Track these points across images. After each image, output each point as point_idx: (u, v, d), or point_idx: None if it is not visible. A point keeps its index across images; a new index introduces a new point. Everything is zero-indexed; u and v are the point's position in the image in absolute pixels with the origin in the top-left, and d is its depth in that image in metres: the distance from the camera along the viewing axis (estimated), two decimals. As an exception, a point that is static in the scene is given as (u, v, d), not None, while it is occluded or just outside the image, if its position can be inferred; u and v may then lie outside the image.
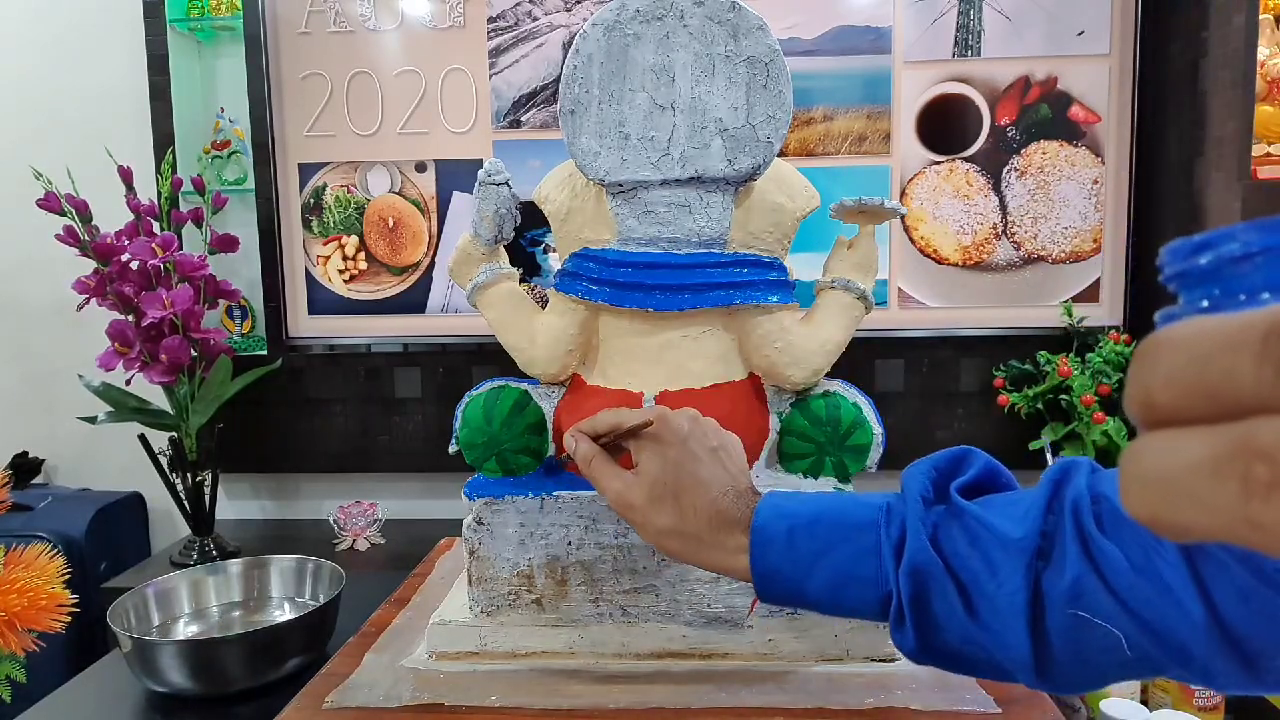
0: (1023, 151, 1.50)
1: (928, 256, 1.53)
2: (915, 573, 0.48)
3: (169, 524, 1.69)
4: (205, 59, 1.63)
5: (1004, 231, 1.52)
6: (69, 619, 0.70)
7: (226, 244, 1.45)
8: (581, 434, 0.61)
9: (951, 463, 0.52)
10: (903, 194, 1.52)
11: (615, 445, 0.61)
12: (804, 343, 0.77)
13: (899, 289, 1.54)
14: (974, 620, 0.47)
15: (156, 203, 1.41)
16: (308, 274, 1.61)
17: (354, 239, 1.59)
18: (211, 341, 1.37)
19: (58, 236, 1.30)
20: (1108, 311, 1.51)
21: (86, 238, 1.31)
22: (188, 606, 0.98)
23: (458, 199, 1.58)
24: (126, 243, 1.32)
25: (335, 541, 1.50)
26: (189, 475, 1.41)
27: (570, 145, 0.72)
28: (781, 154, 0.74)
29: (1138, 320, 1.48)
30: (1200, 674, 0.41)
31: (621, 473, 0.59)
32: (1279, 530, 0.17)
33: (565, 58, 0.72)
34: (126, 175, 1.37)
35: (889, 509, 0.51)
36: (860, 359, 1.50)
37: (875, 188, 1.52)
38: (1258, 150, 1.23)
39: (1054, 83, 1.48)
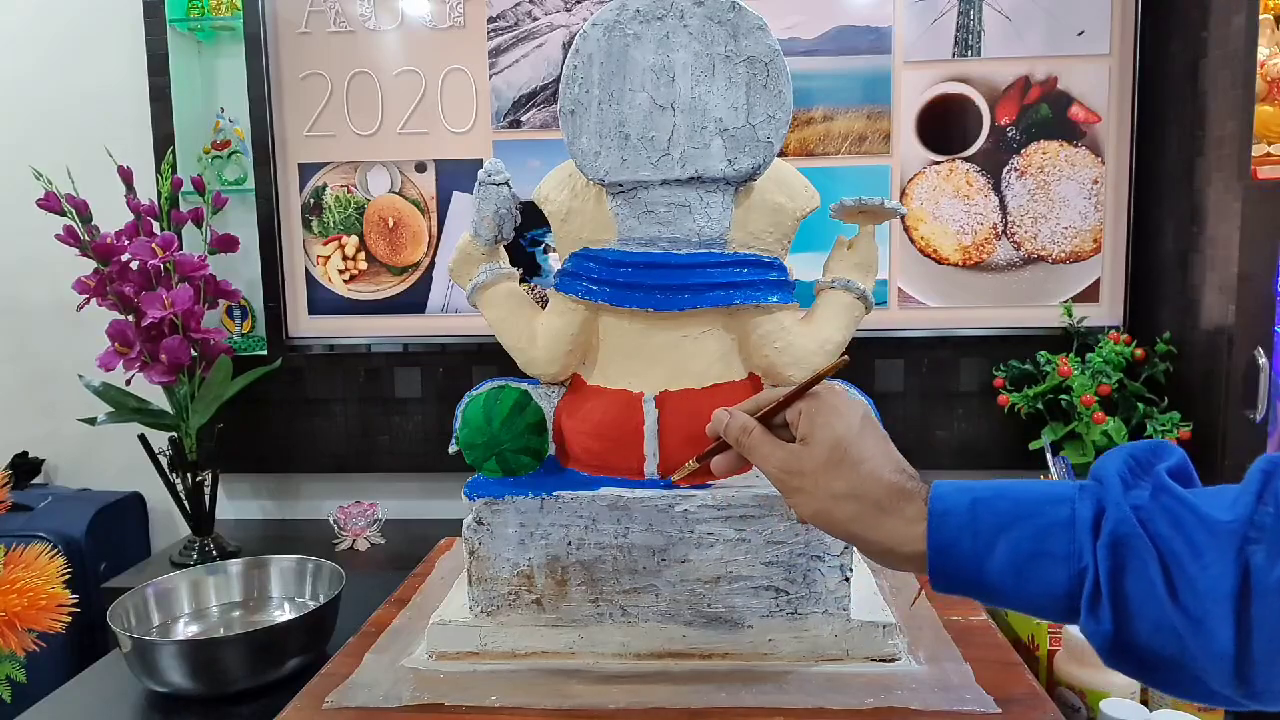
0: (1023, 151, 1.50)
1: (928, 256, 1.53)
2: (1116, 544, 0.45)
3: (169, 524, 1.69)
4: (205, 59, 1.63)
5: (1004, 231, 1.52)
6: (69, 619, 0.70)
7: (226, 244, 1.45)
8: (732, 410, 0.59)
9: (1149, 451, 0.49)
10: (903, 194, 1.52)
11: (768, 422, 0.59)
12: (804, 342, 0.77)
13: (899, 289, 1.54)
14: (1174, 603, 0.44)
15: (156, 203, 1.40)
16: (308, 274, 1.61)
17: (354, 239, 1.59)
18: (211, 341, 1.37)
19: (58, 236, 1.30)
20: (1108, 311, 1.51)
21: (86, 238, 1.31)
22: (188, 606, 0.98)
23: (458, 199, 1.58)
24: (126, 243, 1.32)
25: (335, 541, 1.50)
26: (189, 475, 1.41)
27: (570, 145, 0.72)
28: (781, 154, 0.74)
29: (1138, 320, 1.48)
30: None
31: (782, 443, 0.57)
32: None
33: (565, 58, 0.72)
34: (126, 175, 1.37)
35: (1082, 487, 0.49)
36: (860, 359, 1.50)
37: (875, 188, 1.52)
38: (1258, 150, 1.23)
39: (1054, 83, 1.48)
